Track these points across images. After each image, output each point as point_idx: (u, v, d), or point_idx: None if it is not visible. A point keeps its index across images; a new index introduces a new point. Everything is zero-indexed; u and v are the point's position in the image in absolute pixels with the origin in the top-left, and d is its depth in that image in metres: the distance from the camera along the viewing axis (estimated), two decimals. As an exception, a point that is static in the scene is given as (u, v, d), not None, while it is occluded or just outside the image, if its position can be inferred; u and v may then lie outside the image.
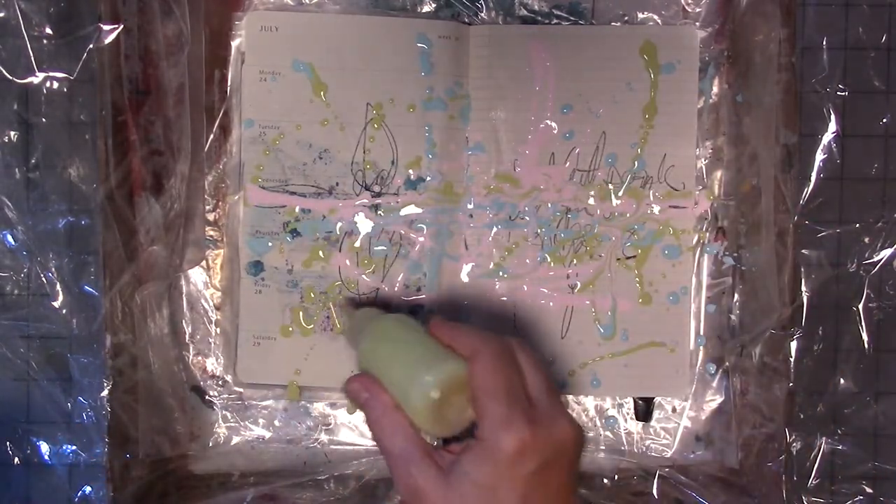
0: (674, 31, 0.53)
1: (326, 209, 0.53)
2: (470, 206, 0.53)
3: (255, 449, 0.54)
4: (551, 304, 0.53)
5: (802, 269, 0.52)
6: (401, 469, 0.37)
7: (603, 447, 0.53)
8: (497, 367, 0.37)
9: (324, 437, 0.54)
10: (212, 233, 0.54)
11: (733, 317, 0.53)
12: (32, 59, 0.51)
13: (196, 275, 0.54)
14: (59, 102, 0.53)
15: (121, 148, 0.48)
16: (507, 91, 0.53)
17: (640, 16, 0.53)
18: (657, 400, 0.54)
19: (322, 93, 0.52)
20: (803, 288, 0.51)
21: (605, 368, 0.53)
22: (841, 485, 0.54)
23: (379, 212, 0.53)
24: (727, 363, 0.53)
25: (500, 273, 0.53)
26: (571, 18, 0.53)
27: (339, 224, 0.53)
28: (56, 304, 0.53)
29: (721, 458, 0.53)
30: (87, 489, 0.54)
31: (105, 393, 0.47)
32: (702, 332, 0.54)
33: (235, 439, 0.53)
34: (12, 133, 0.53)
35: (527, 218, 0.53)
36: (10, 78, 0.51)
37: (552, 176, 0.53)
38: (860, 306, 0.53)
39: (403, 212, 0.53)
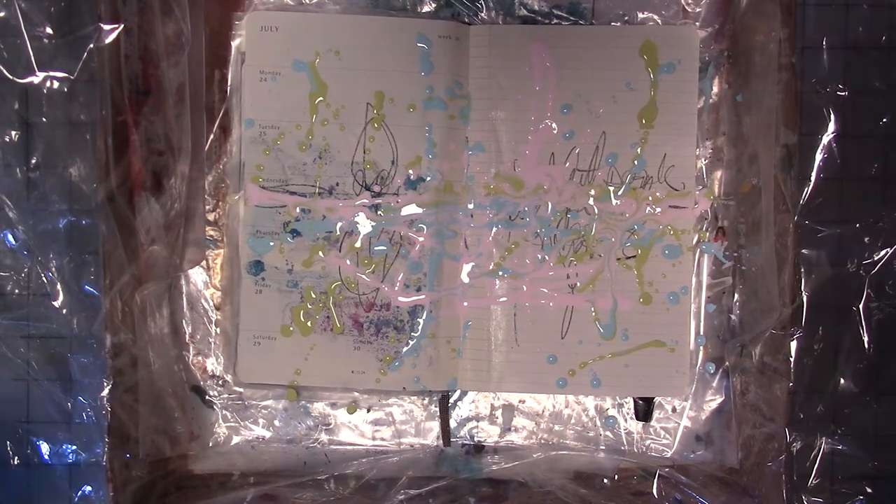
0: (674, 31, 0.53)
1: (326, 209, 0.53)
2: (470, 206, 0.53)
3: (255, 449, 0.54)
4: (551, 304, 0.53)
5: (802, 269, 0.52)
6: None
7: (603, 447, 0.54)
8: None
9: (324, 437, 0.54)
10: (212, 233, 0.54)
11: (733, 317, 0.53)
12: (32, 59, 0.51)
13: (196, 275, 0.54)
14: (59, 102, 0.53)
15: (121, 148, 0.48)
16: (507, 91, 0.53)
17: (640, 16, 0.53)
18: (657, 400, 0.54)
19: (322, 93, 0.52)
20: (803, 288, 0.51)
21: (605, 368, 0.53)
22: (841, 485, 0.54)
23: (379, 212, 0.53)
24: (727, 363, 0.53)
25: (500, 273, 0.53)
26: (571, 18, 0.53)
27: (339, 224, 0.53)
28: (56, 304, 0.53)
29: (721, 458, 0.53)
30: (87, 489, 0.54)
31: (105, 393, 0.47)
32: (702, 332, 0.54)
33: (235, 439, 0.54)
34: (13, 133, 0.53)
35: (527, 218, 0.53)
36: (11, 78, 0.51)
37: (552, 176, 0.53)
38: (860, 306, 0.53)
39: (403, 212, 0.53)
